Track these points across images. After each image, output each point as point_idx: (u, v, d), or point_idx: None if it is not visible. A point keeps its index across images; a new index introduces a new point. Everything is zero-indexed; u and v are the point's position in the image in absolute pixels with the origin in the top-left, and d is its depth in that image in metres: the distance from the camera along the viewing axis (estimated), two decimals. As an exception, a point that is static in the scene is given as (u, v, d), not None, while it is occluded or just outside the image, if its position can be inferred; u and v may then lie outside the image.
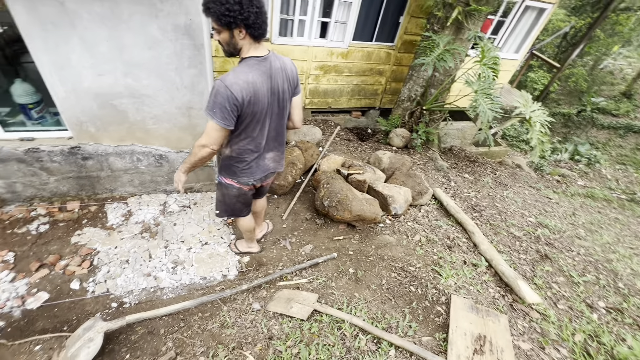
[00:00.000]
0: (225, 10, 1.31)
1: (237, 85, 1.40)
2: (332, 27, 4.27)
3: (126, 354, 1.68)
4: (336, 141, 4.51)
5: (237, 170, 1.77)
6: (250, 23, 1.38)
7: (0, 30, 3.83)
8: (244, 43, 1.45)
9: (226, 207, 2.03)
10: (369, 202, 2.94)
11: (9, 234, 2.45)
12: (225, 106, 1.41)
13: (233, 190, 1.89)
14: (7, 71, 3.49)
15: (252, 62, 1.47)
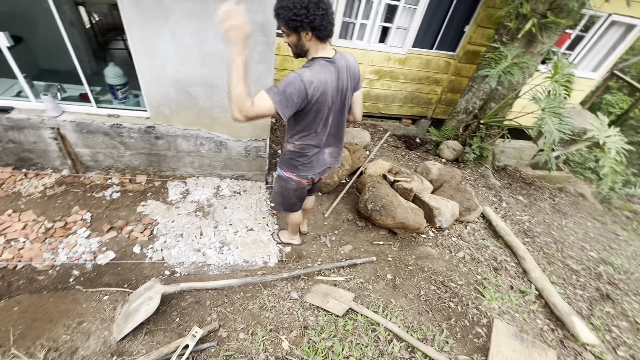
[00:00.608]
0: (293, 15, 1.37)
1: (311, 83, 1.44)
2: (392, 33, 4.26)
3: (176, 317, 1.84)
4: (384, 147, 4.48)
5: (298, 164, 1.84)
6: (316, 25, 1.43)
7: (97, 19, 4.40)
8: (310, 44, 1.51)
9: (283, 200, 2.13)
10: (414, 211, 2.89)
11: (88, 197, 2.79)
12: (292, 98, 1.42)
13: (292, 183, 1.96)
14: (99, 56, 3.98)
15: (323, 62, 1.51)
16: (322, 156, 1.85)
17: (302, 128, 1.67)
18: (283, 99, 1.39)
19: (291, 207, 2.19)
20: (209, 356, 1.64)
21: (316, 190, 2.40)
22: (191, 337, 1.63)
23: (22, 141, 2.67)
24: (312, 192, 2.35)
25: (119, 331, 1.66)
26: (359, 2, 3.92)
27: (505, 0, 3.67)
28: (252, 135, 2.87)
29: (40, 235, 2.45)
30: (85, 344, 1.60)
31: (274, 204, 2.21)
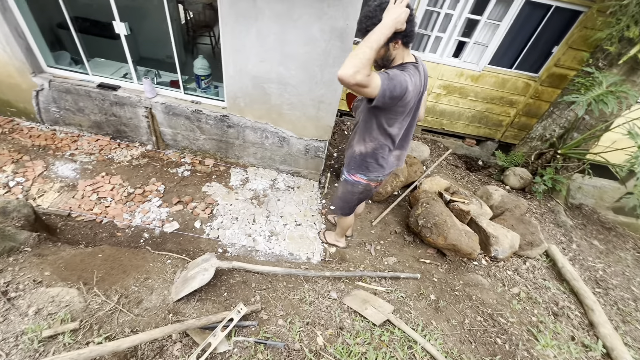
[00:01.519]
0: None
1: (411, 83, 1.46)
2: (469, 48, 4.09)
3: (224, 292, 1.99)
4: (442, 164, 4.30)
5: (369, 165, 1.85)
6: (408, 33, 1.45)
7: (191, 16, 4.93)
8: (397, 52, 1.53)
9: (343, 205, 2.19)
10: (468, 235, 2.74)
11: (164, 171, 3.14)
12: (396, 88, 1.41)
13: (359, 187, 1.99)
14: (187, 49, 4.45)
15: (412, 67, 1.53)
16: (391, 158, 1.87)
17: (383, 128, 1.68)
18: (390, 84, 1.39)
19: (350, 210, 2.25)
20: (249, 333, 1.74)
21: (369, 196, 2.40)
22: (236, 312, 1.74)
23: (121, 116, 3.11)
24: None
25: (176, 293, 1.85)
26: (437, 14, 3.85)
27: (608, 22, 3.31)
28: (315, 135, 2.97)
29: (123, 198, 2.82)
30: (148, 298, 1.80)
31: (333, 207, 2.27)
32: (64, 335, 1.44)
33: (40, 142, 3.13)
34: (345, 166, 2.00)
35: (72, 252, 2.03)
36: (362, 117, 1.75)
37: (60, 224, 2.53)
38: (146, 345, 1.53)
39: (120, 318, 1.63)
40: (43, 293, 1.61)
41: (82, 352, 1.28)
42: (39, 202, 2.63)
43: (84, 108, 3.08)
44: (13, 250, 1.83)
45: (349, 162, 1.95)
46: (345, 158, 2.03)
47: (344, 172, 2.04)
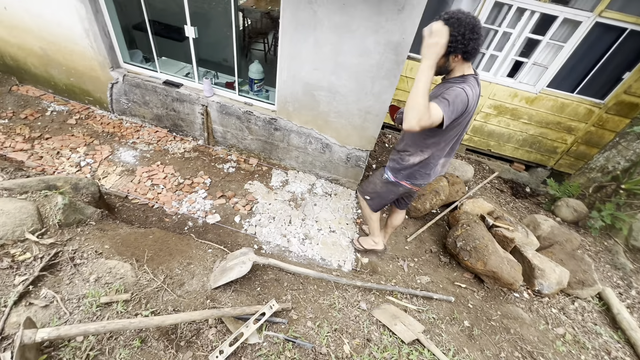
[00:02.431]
0: (449, 43, 1.39)
1: (472, 96, 1.50)
2: (526, 69, 3.91)
3: (258, 287, 2.06)
4: (486, 187, 4.11)
5: (417, 174, 1.90)
6: (469, 50, 1.46)
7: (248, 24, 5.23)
8: (456, 64, 1.55)
9: (380, 200, 2.21)
10: (511, 264, 2.58)
11: (211, 166, 3.34)
12: (458, 109, 1.46)
13: (401, 188, 2.04)
14: (242, 53, 4.71)
15: (473, 80, 1.56)
16: (438, 167, 1.88)
17: (439, 140, 1.70)
18: (452, 109, 1.44)
19: (382, 206, 2.28)
20: (279, 330, 1.78)
21: (409, 204, 2.39)
22: (269, 308, 1.79)
23: (180, 111, 3.37)
24: (405, 205, 2.37)
25: (214, 281, 1.95)
26: (495, 33, 3.73)
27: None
28: (358, 145, 3.00)
29: (173, 186, 3.03)
30: (190, 282, 1.92)
31: (368, 197, 2.25)
32: (118, 304, 1.58)
33: (109, 129, 3.48)
34: (391, 170, 2.01)
35: (128, 230, 2.22)
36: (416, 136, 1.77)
37: (118, 204, 2.78)
38: (185, 325, 1.63)
39: (165, 297, 1.75)
40: (102, 264, 1.78)
41: (133, 322, 1.39)
42: (102, 182, 2.92)
43: (149, 102, 3.39)
44: (81, 223, 2.05)
45: (397, 168, 1.96)
46: (390, 160, 2.03)
47: (387, 173, 2.04)
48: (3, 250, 1.64)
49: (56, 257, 1.74)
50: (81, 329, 1.30)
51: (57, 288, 1.60)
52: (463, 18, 1.40)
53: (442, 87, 1.58)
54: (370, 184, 2.23)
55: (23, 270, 1.60)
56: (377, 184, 2.16)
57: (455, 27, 1.39)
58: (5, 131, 3.14)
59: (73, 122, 3.45)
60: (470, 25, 1.41)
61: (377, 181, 2.16)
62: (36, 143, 3.11)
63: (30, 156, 2.97)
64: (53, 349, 1.37)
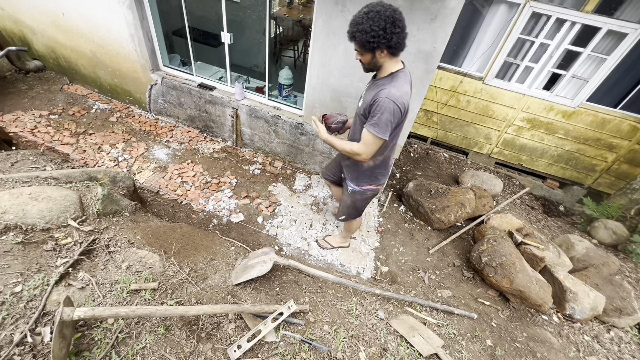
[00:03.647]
0: (370, 37, 1.44)
1: (402, 99, 1.53)
2: (564, 81, 3.74)
3: (277, 287, 2.09)
4: (516, 202, 3.94)
5: (379, 174, 1.98)
6: (393, 44, 1.48)
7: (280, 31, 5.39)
8: (384, 60, 1.58)
9: (355, 212, 2.29)
10: (540, 284, 2.46)
11: (238, 167, 3.45)
12: (391, 122, 1.56)
13: (368, 193, 2.10)
14: (274, 60, 4.85)
15: (401, 75, 1.60)
16: (392, 158, 2.03)
17: (391, 140, 1.76)
18: (386, 129, 1.56)
19: (360, 214, 2.34)
20: (295, 331, 1.79)
21: None
22: (287, 308, 1.82)
23: (212, 113, 3.52)
24: None
25: (236, 277, 2.00)
26: (531, 44, 3.62)
27: None
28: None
29: (201, 184, 3.16)
30: (212, 276, 1.98)
31: (344, 216, 2.34)
32: (146, 291, 1.67)
33: (145, 127, 3.70)
34: (351, 180, 2.06)
35: (158, 223, 2.34)
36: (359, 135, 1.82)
37: (150, 198, 2.93)
38: (207, 318, 1.68)
39: (189, 289, 1.82)
40: (134, 253, 1.89)
41: (159, 309, 1.46)
42: (137, 177, 3.10)
43: (183, 103, 3.56)
44: (116, 213, 2.18)
45: (357, 177, 2.01)
46: (346, 171, 2.10)
47: (349, 185, 2.09)
48: (48, 233, 1.78)
49: (93, 244, 1.86)
50: (113, 312, 1.38)
51: (92, 272, 1.71)
52: (382, 11, 1.41)
53: (372, 92, 1.62)
54: (342, 206, 2.31)
55: (64, 253, 1.73)
56: (347, 202, 2.22)
57: (376, 21, 1.40)
58: (55, 126, 3.42)
59: (114, 120, 3.69)
60: (391, 18, 1.41)
61: (345, 199, 2.22)
62: (81, 138, 3.36)
63: (75, 149, 3.21)
64: (86, 328, 1.46)
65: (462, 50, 3.88)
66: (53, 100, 3.75)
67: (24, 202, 1.80)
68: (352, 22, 1.47)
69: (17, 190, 1.88)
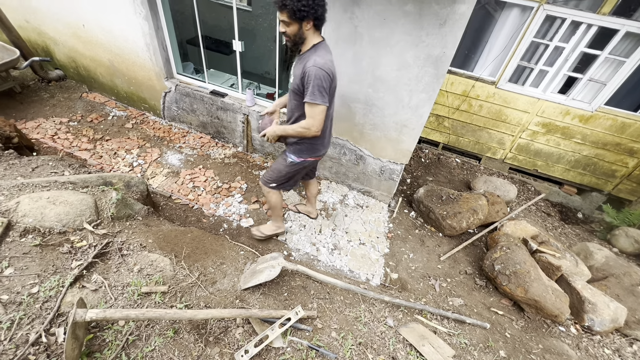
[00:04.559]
0: (302, 5, 1.51)
1: (327, 65, 1.63)
2: (580, 85, 3.65)
3: (285, 292, 2.09)
4: (531, 209, 3.84)
5: (319, 145, 2.05)
6: (319, 15, 1.60)
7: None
8: (309, 33, 1.68)
9: (287, 181, 2.30)
10: (556, 294, 2.37)
11: (248, 172, 3.48)
12: (325, 87, 1.64)
13: (305, 164, 2.14)
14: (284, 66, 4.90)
15: (323, 45, 1.73)
16: (330, 129, 2.11)
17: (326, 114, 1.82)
18: (322, 95, 1.66)
19: (293, 186, 2.38)
20: (303, 337, 1.78)
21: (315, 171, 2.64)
22: (294, 313, 1.81)
23: (223, 119, 3.58)
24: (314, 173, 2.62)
25: (244, 282, 2.01)
26: (545, 47, 3.55)
27: None
28: (392, 157, 2.97)
29: (212, 189, 3.20)
30: (221, 280, 2.00)
31: (270, 182, 2.30)
32: (156, 294, 1.70)
33: (159, 133, 3.79)
34: (292, 152, 2.08)
35: (169, 227, 2.38)
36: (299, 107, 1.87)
37: (162, 202, 2.99)
38: (215, 322, 1.69)
39: (198, 292, 1.84)
40: (145, 256, 1.93)
41: (169, 312, 1.48)
42: (151, 182, 3.17)
43: (196, 109, 3.64)
44: (129, 217, 2.24)
45: (298, 150, 2.05)
46: (288, 145, 2.12)
47: (289, 156, 2.11)
48: (65, 236, 1.84)
49: (107, 247, 1.91)
50: (124, 314, 1.41)
51: (105, 275, 1.75)
52: None
53: (300, 65, 1.73)
54: (274, 172, 2.26)
55: (79, 256, 1.78)
56: (282, 170, 2.20)
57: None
58: (74, 132, 3.55)
59: (130, 127, 3.80)
60: None
61: (281, 168, 2.20)
62: (98, 144, 3.47)
63: (92, 155, 3.31)
64: (98, 329, 1.49)
65: (474, 55, 3.84)
66: (73, 108, 3.90)
67: (42, 206, 1.87)
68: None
69: (36, 194, 1.96)
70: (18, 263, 1.62)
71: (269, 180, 2.30)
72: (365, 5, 2.25)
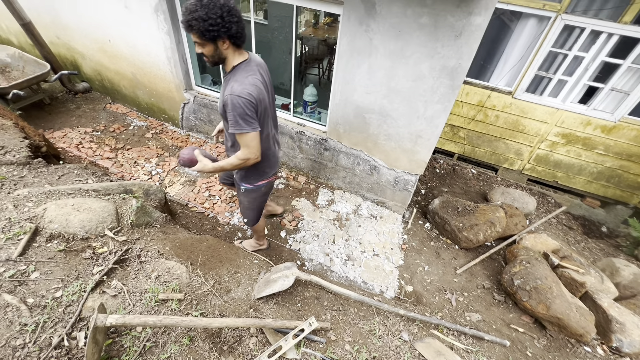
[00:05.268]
0: (209, 25, 1.39)
1: (245, 91, 1.51)
2: (602, 95, 3.55)
3: (298, 302, 2.08)
4: (551, 222, 3.72)
5: (264, 167, 1.94)
6: (233, 33, 1.47)
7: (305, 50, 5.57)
8: (228, 52, 1.55)
9: (254, 212, 2.24)
10: (580, 312, 2.27)
11: (263, 181, 3.52)
12: (248, 114, 1.54)
13: (262, 188, 2.07)
14: (299, 78, 5.00)
15: (243, 66, 1.60)
16: (273, 147, 1.97)
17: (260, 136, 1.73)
18: (248, 122, 1.55)
19: (261, 213, 2.32)
20: (316, 349, 1.76)
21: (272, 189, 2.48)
22: (308, 325, 1.80)
23: (239, 129, 3.66)
24: None
25: (258, 291, 2.01)
26: (564, 57, 3.49)
27: None
28: (407, 168, 2.96)
29: (227, 198, 3.25)
30: (235, 289, 2.01)
31: (247, 219, 2.29)
32: (172, 302, 1.72)
33: (177, 143, 3.90)
34: (241, 180, 2.01)
35: (186, 235, 2.43)
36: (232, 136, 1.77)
37: (179, 210, 3.05)
38: (229, 331, 1.70)
39: (213, 300, 1.85)
40: (163, 263, 1.96)
41: (185, 320, 1.50)
42: (168, 190, 3.25)
43: (213, 120, 3.74)
44: (148, 225, 2.30)
45: (245, 175, 1.97)
46: (236, 174, 2.05)
47: (242, 185, 2.03)
48: (87, 242, 1.90)
49: (126, 253, 1.96)
50: (142, 320, 1.44)
51: (124, 281, 1.79)
52: (216, 1, 1.39)
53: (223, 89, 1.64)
54: (243, 210, 2.25)
55: (100, 261, 1.83)
56: (244, 202, 2.17)
57: (211, 8, 1.38)
58: (97, 141, 3.70)
59: (149, 136, 3.93)
60: (226, 7, 1.41)
61: (242, 200, 2.16)
62: (119, 153, 3.60)
63: (114, 163, 3.43)
64: (117, 335, 1.52)
65: (490, 65, 3.81)
66: (97, 118, 4.07)
67: (67, 213, 1.95)
68: (185, 10, 1.41)
69: (62, 201, 2.04)
70: (44, 267, 1.68)
71: (244, 217, 2.31)
72: (380, 18, 2.29)
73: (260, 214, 2.34)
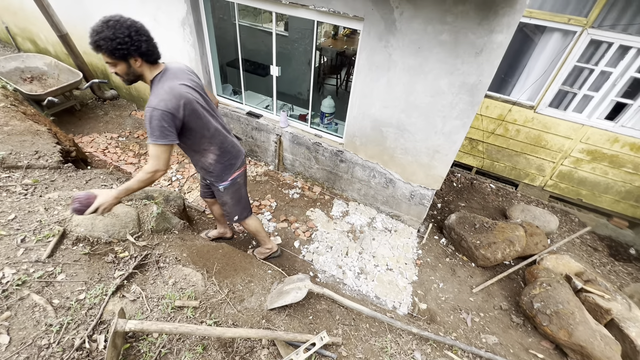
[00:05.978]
0: (117, 44, 1.40)
1: (161, 102, 1.53)
2: (630, 111, 3.41)
3: (310, 315, 2.08)
4: (574, 242, 3.57)
5: (229, 159, 2.01)
6: (144, 51, 1.48)
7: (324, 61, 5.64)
8: (143, 69, 1.57)
9: (241, 204, 2.28)
10: (605, 340, 2.16)
11: (278, 190, 3.57)
12: (165, 126, 1.54)
13: (240, 178, 2.15)
14: (316, 89, 5.06)
15: (159, 78, 1.61)
16: (230, 139, 2.00)
17: (201, 136, 1.79)
18: (162, 134, 1.55)
19: (248, 205, 2.36)
20: (327, 365, 1.75)
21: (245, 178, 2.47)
22: (319, 339, 1.79)
23: (257, 139, 3.73)
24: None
25: (271, 302, 2.03)
26: (590, 72, 3.39)
27: None
28: (423, 182, 2.93)
29: (243, 206, 3.31)
30: (249, 299, 2.04)
31: (237, 216, 2.31)
32: (188, 309, 1.76)
33: (197, 150, 4.01)
34: (217, 181, 2.09)
35: (202, 242, 2.48)
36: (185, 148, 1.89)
37: (196, 217, 3.13)
38: (241, 341, 1.72)
39: (227, 309, 1.88)
40: (180, 270, 2.02)
41: (199, 328, 1.53)
42: (187, 196, 3.34)
43: (232, 129, 3.84)
44: (167, 231, 2.37)
45: (217, 175, 2.04)
46: (206, 177, 2.12)
47: (219, 186, 2.10)
48: (110, 246, 1.98)
49: (146, 259, 2.02)
50: (159, 327, 1.48)
51: (143, 286, 1.85)
52: (122, 20, 1.42)
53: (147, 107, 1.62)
54: (227, 207, 2.28)
55: (121, 266, 1.90)
56: (227, 201, 2.22)
57: (118, 28, 1.39)
58: (122, 147, 3.86)
59: (171, 143, 4.06)
60: (134, 27, 1.44)
61: (225, 199, 2.21)
62: (142, 158, 3.74)
63: (137, 169, 3.57)
64: (134, 340, 1.57)
65: (511, 79, 3.75)
66: (123, 125, 4.26)
67: (93, 217, 2.03)
68: (92, 32, 1.41)
69: (89, 206, 2.14)
70: (69, 270, 1.76)
71: (232, 215, 2.33)
72: (400, 35, 2.31)
73: (249, 205, 2.40)
